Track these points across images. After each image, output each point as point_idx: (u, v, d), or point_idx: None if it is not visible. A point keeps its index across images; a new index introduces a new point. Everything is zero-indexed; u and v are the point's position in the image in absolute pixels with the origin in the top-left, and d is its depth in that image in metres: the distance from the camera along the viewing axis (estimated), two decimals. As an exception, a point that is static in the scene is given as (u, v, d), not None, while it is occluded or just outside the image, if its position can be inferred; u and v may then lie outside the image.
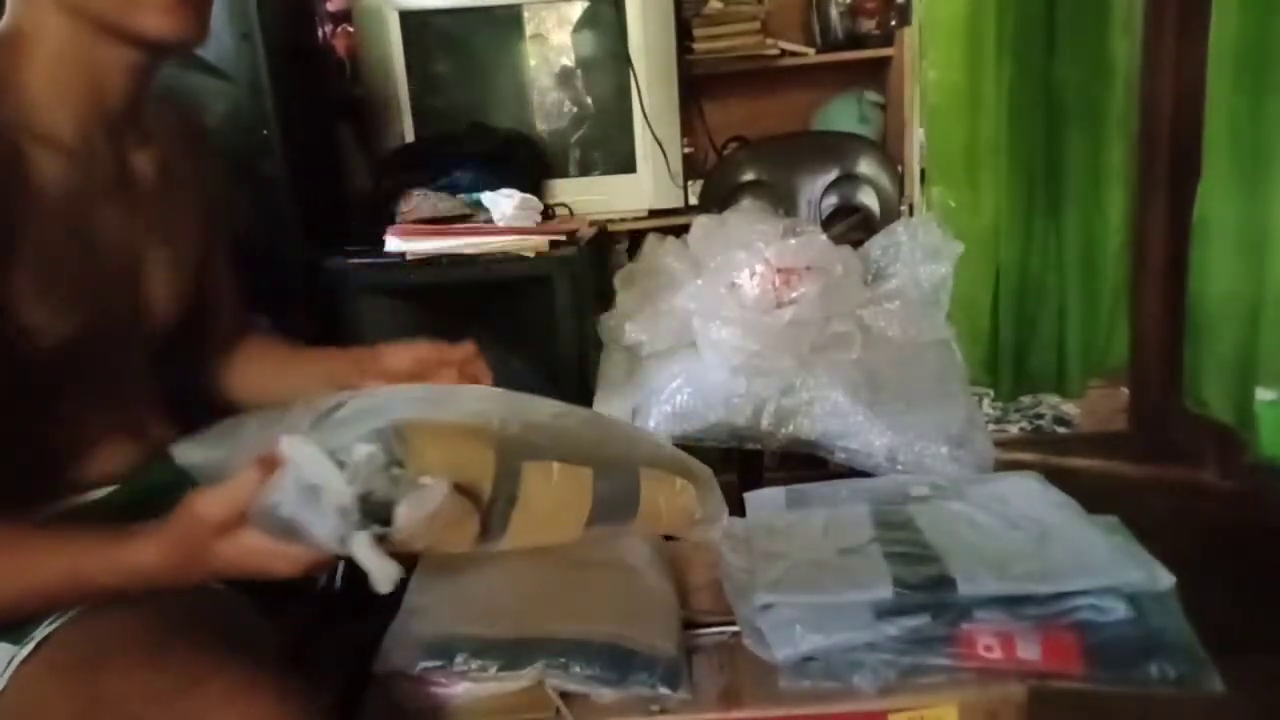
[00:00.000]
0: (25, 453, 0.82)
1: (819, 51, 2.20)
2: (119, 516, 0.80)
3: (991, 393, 2.38)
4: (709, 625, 0.94)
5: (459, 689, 0.84)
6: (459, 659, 0.82)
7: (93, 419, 0.89)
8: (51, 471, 0.87)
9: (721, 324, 1.41)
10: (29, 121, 0.79)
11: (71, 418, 0.87)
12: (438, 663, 0.82)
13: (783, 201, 1.89)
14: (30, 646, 0.77)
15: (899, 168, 2.07)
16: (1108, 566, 0.87)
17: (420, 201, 1.63)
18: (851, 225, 2.02)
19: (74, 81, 0.82)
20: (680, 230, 1.80)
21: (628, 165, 1.97)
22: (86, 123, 0.83)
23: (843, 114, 2.24)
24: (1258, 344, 1.90)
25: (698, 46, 2.15)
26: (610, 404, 1.49)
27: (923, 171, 2.15)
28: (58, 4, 0.80)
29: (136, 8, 0.80)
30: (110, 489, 0.90)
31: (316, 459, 0.62)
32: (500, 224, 1.58)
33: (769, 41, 2.17)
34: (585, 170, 2.00)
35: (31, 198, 0.79)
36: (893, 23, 2.16)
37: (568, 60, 1.96)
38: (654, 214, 2.00)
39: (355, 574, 0.65)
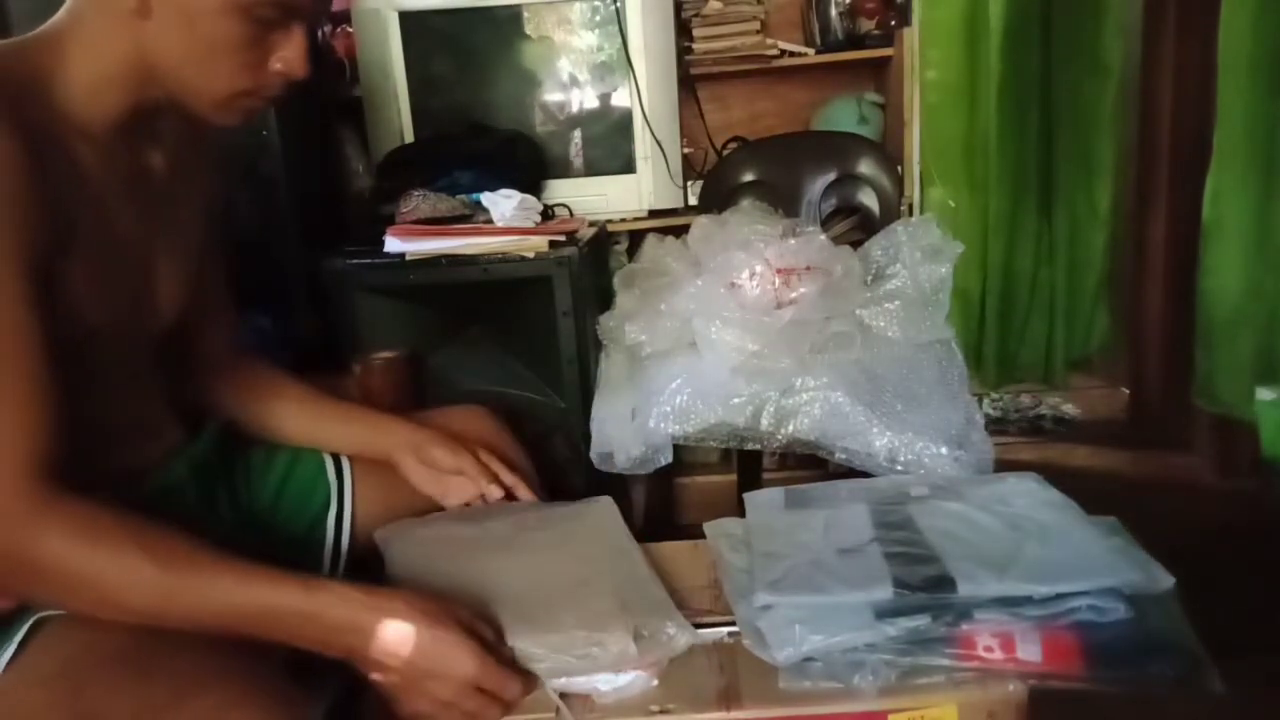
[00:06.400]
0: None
1: (819, 51, 2.20)
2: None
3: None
4: (709, 625, 0.94)
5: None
6: None
7: (111, 414, 0.89)
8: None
9: (721, 324, 1.41)
10: (69, 114, 0.81)
11: (89, 414, 0.86)
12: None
13: (782, 202, 1.89)
14: (11, 650, 0.76)
15: (899, 168, 2.07)
16: (1107, 567, 0.87)
17: (420, 202, 1.62)
18: (851, 225, 2.02)
19: (114, 97, 0.84)
20: (680, 230, 1.80)
21: (627, 165, 1.97)
22: (114, 123, 0.85)
23: (843, 114, 2.24)
24: (1276, 343, 1.90)
25: (697, 47, 2.15)
26: (610, 404, 1.49)
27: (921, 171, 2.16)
28: (135, 48, 0.81)
29: (201, 100, 0.85)
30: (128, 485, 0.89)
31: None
32: (500, 224, 1.58)
33: (768, 41, 2.17)
34: (585, 170, 1.99)
35: (80, 186, 0.81)
36: (892, 23, 2.16)
37: (568, 60, 1.96)
38: (654, 214, 2.00)
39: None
